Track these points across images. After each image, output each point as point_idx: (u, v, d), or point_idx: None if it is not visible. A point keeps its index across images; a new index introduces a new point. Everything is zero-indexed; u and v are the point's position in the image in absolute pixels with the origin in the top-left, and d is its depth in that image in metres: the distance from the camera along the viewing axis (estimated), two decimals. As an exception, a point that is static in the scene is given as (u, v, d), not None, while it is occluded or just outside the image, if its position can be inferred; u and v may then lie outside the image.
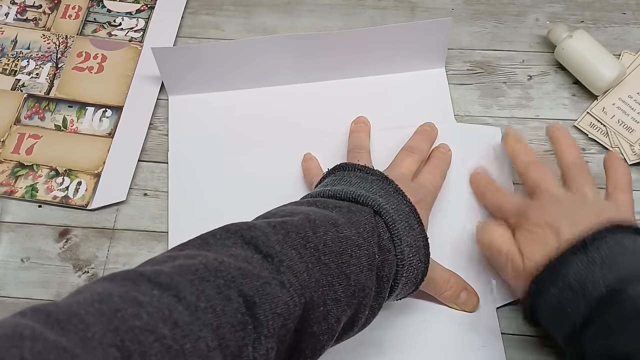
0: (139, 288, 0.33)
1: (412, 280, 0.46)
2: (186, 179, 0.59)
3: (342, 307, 0.40)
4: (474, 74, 0.64)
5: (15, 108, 0.64)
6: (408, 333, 0.52)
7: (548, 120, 0.61)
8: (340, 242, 0.41)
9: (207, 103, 0.63)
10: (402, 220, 0.45)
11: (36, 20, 0.69)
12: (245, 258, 0.38)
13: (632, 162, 0.58)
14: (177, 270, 0.35)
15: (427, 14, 0.68)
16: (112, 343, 0.30)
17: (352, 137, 0.59)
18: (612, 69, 0.60)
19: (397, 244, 0.44)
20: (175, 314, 0.33)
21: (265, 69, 0.62)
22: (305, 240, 0.40)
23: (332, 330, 0.40)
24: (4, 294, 0.55)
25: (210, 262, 0.36)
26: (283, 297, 0.37)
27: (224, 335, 0.34)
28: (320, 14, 0.68)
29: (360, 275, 0.41)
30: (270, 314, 0.36)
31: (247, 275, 0.36)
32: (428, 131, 0.58)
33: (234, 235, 0.39)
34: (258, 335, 0.35)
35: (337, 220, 0.42)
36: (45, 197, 0.59)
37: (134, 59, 0.66)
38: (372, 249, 0.43)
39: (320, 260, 0.40)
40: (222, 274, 0.36)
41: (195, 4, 0.70)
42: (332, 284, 0.40)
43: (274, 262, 0.38)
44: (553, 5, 0.68)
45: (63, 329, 0.29)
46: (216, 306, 0.34)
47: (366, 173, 0.49)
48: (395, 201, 0.47)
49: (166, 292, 0.34)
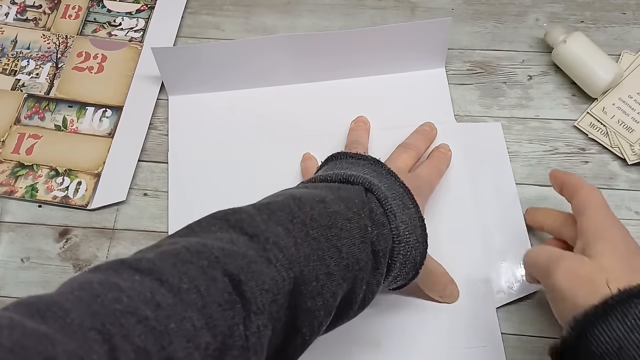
0: (120, 275, 0.33)
1: (411, 261, 0.45)
2: (186, 179, 0.59)
3: (337, 280, 0.40)
4: (474, 74, 0.64)
5: (15, 108, 0.64)
6: (407, 333, 0.52)
7: (548, 120, 0.61)
8: (328, 217, 0.41)
9: (207, 103, 0.63)
10: (395, 198, 0.45)
11: (36, 20, 0.69)
12: (231, 240, 0.37)
13: (632, 162, 0.58)
14: (159, 256, 0.35)
15: (427, 14, 0.68)
16: (92, 326, 0.30)
17: (350, 134, 0.59)
18: (608, 72, 0.60)
19: (392, 219, 0.44)
20: (158, 296, 0.32)
21: (265, 68, 0.62)
22: (291, 216, 0.40)
23: (329, 306, 0.40)
24: (4, 294, 0.55)
25: (192, 245, 0.36)
26: (270, 273, 0.36)
27: (210, 315, 0.33)
28: (320, 14, 0.68)
29: (353, 248, 0.41)
30: (258, 290, 0.35)
31: (232, 255, 0.36)
32: (427, 131, 0.58)
33: (219, 220, 0.39)
34: (247, 313, 0.35)
35: (324, 197, 0.42)
36: (45, 197, 0.59)
37: (134, 59, 0.66)
38: (363, 222, 0.42)
39: (308, 235, 0.40)
40: (205, 255, 0.35)
41: (195, 4, 0.70)
42: (324, 258, 0.40)
43: (260, 240, 0.38)
44: (553, 5, 0.68)
45: (43, 317, 0.29)
46: (200, 286, 0.34)
47: (358, 159, 0.49)
48: (387, 182, 0.46)
49: (148, 276, 0.33)
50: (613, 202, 0.57)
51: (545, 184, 0.58)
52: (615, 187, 0.58)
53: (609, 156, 0.60)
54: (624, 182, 0.58)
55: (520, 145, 0.60)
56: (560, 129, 0.61)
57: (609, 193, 0.58)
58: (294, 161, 0.59)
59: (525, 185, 0.58)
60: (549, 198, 0.57)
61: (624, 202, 0.57)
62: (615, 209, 0.56)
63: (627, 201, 0.57)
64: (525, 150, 0.60)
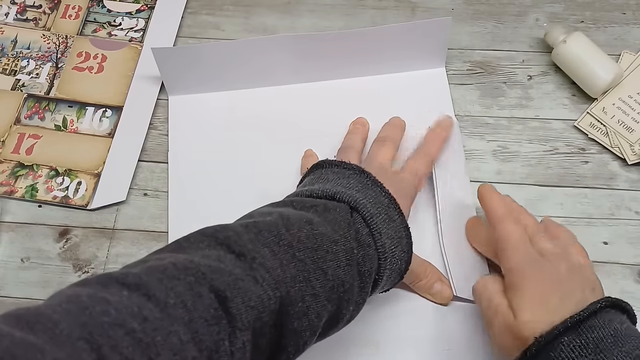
0: (108, 289, 0.34)
1: (396, 271, 0.46)
2: (186, 179, 0.59)
3: (322, 302, 0.40)
4: (474, 74, 0.64)
5: (15, 108, 0.64)
6: (405, 333, 0.52)
7: (548, 120, 0.61)
8: (315, 239, 0.41)
9: (207, 103, 0.63)
10: (380, 214, 0.45)
11: (36, 20, 0.69)
12: (218, 257, 0.38)
13: (632, 162, 0.58)
14: (146, 271, 0.35)
15: (427, 14, 0.68)
16: (80, 336, 0.30)
17: (345, 138, 0.59)
18: (608, 72, 0.60)
19: (377, 238, 0.44)
20: (145, 310, 0.33)
21: (265, 69, 0.62)
22: (278, 238, 0.40)
23: (314, 326, 0.40)
24: (4, 294, 0.55)
25: (179, 262, 0.36)
26: (256, 291, 0.37)
27: (196, 330, 0.34)
28: (320, 14, 0.68)
29: (338, 271, 0.41)
30: (243, 307, 0.36)
31: (218, 271, 0.36)
32: (396, 121, 0.58)
33: (208, 237, 0.40)
34: (233, 329, 0.35)
35: (311, 219, 0.42)
36: (45, 197, 0.59)
37: (134, 59, 0.66)
38: (349, 244, 0.43)
39: (295, 257, 0.40)
40: (191, 272, 0.36)
41: (195, 4, 0.70)
42: (309, 280, 0.40)
43: (247, 259, 0.38)
44: (553, 5, 0.68)
45: (32, 329, 0.30)
46: (187, 302, 0.34)
47: (343, 168, 0.49)
48: (373, 194, 0.46)
49: (135, 292, 0.34)
50: (613, 202, 0.57)
51: (545, 184, 0.58)
52: (615, 187, 0.58)
53: (609, 156, 0.60)
54: (624, 182, 0.58)
55: (520, 145, 0.60)
56: (560, 129, 0.61)
57: (609, 193, 0.58)
58: (294, 161, 0.59)
59: (525, 185, 0.58)
60: (549, 198, 0.57)
61: (624, 202, 0.57)
62: (615, 209, 0.57)
63: (627, 201, 0.57)
64: (525, 150, 0.60)
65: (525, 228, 0.48)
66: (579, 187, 0.58)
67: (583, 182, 0.58)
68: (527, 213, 0.51)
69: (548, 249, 0.47)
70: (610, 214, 0.57)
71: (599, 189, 0.58)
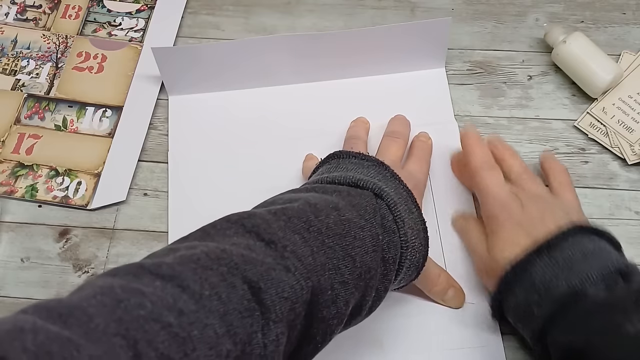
0: (141, 280, 0.33)
1: (415, 264, 0.46)
2: (186, 179, 0.59)
3: (350, 289, 0.40)
4: (474, 74, 0.64)
5: (15, 108, 0.64)
6: (408, 333, 0.52)
7: (548, 120, 0.61)
8: (342, 225, 0.41)
9: (207, 103, 0.63)
10: (402, 203, 0.45)
11: (36, 20, 0.69)
12: (248, 246, 0.37)
13: (632, 162, 0.58)
14: (179, 261, 0.35)
15: (427, 14, 0.68)
16: (117, 332, 0.29)
17: (349, 130, 0.59)
18: (608, 72, 0.60)
19: (400, 226, 0.44)
20: (180, 302, 0.32)
21: (265, 69, 0.62)
22: (307, 225, 0.40)
23: (342, 314, 0.40)
24: (4, 294, 0.55)
25: (212, 251, 0.36)
26: (289, 281, 0.36)
27: (231, 322, 0.33)
28: (320, 14, 0.68)
29: (366, 257, 0.41)
30: (277, 298, 0.35)
31: (251, 261, 0.36)
32: (403, 117, 0.59)
33: (234, 224, 0.39)
34: (267, 321, 0.35)
35: (337, 204, 0.42)
36: (45, 197, 0.59)
37: (134, 59, 0.66)
38: (375, 230, 0.42)
39: (324, 244, 0.40)
40: (224, 262, 0.35)
41: (195, 4, 0.70)
42: (339, 267, 0.40)
43: (277, 248, 0.38)
44: (553, 5, 0.68)
45: (65, 322, 0.29)
46: (221, 293, 0.34)
47: (362, 159, 0.49)
48: (393, 185, 0.47)
49: (169, 282, 0.33)
50: (613, 202, 0.57)
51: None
52: (615, 187, 0.58)
53: (609, 156, 0.60)
54: (624, 182, 0.58)
55: (520, 145, 0.60)
56: (560, 129, 0.61)
57: (609, 193, 0.58)
58: (294, 161, 0.59)
59: (525, 185, 0.58)
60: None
61: (624, 202, 0.57)
62: (615, 209, 0.57)
63: (627, 201, 0.57)
64: (525, 150, 0.60)
65: (510, 169, 0.53)
66: (579, 187, 0.58)
67: (583, 182, 0.58)
68: (512, 155, 0.54)
69: (524, 192, 0.51)
70: (610, 214, 0.57)
71: (599, 189, 0.58)
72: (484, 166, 0.52)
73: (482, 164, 0.52)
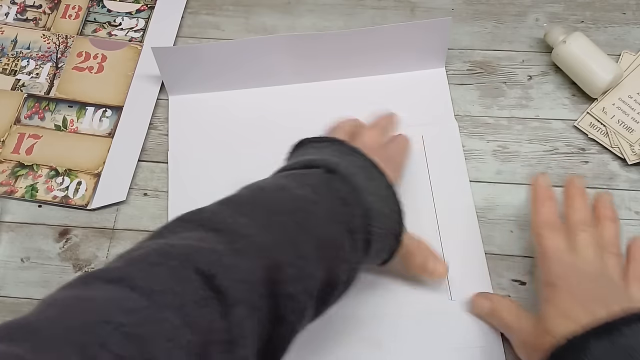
0: (90, 287, 0.33)
1: (391, 232, 0.46)
2: (186, 179, 0.59)
3: (312, 263, 0.40)
4: (474, 74, 0.64)
5: (15, 108, 0.64)
6: (407, 333, 0.52)
7: (548, 120, 0.61)
8: (293, 202, 0.42)
9: (207, 103, 0.63)
10: (358, 173, 0.45)
11: (36, 20, 0.69)
12: (199, 238, 0.38)
13: (632, 162, 0.58)
14: (128, 263, 0.35)
15: (427, 14, 0.68)
16: (66, 340, 0.29)
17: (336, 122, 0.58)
18: (608, 72, 0.60)
19: (359, 194, 0.44)
20: (130, 302, 0.32)
21: (265, 69, 0.62)
22: (253, 206, 0.40)
23: (309, 289, 0.40)
24: (4, 294, 0.55)
25: (160, 247, 0.36)
26: (241, 264, 0.37)
27: (187, 313, 0.33)
28: (320, 14, 0.68)
29: (325, 230, 0.41)
30: (231, 282, 0.36)
31: (201, 251, 0.36)
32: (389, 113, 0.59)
33: (185, 222, 0.40)
34: (225, 307, 0.35)
35: (287, 184, 0.43)
36: (45, 197, 0.59)
37: (134, 59, 0.66)
38: (330, 203, 0.43)
39: (274, 221, 0.40)
40: (173, 255, 0.36)
41: (195, 4, 0.70)
42: (295, 242, 0.40)
43: (227, 233, 0.38)
44: (553, 5, 0.68)
45: (12, 340, 0.29)
46: (173, 286, 0.34)
47: (321, 142, 0.49)
48: (350, 158, 0.47)
49: (118, 284, 0.33)
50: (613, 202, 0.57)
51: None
52: (615, 187, 0.58)
53: (609, 156, 0.60)
54: (624, 182, 0.58)
55: (520, 145, 0.60)
56: (560, 129, 0.61)
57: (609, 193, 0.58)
58: (294, 161, 0.59)
59: (525, 186, 0.58)
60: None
61: (624, 202, 0.57)
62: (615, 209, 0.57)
63: (627, 201, 0.57)
64: (525, 150, 0.60)
65: (602, 233, 0.49)
66: (579, 187, 0.58)
67: (583, 182, 0.58)
68: (612, 220, 0.50)
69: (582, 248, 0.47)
70: (610, 214, 0.57)
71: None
72: (544, 228, 0.49)
73: (542, 226, 0.49)
